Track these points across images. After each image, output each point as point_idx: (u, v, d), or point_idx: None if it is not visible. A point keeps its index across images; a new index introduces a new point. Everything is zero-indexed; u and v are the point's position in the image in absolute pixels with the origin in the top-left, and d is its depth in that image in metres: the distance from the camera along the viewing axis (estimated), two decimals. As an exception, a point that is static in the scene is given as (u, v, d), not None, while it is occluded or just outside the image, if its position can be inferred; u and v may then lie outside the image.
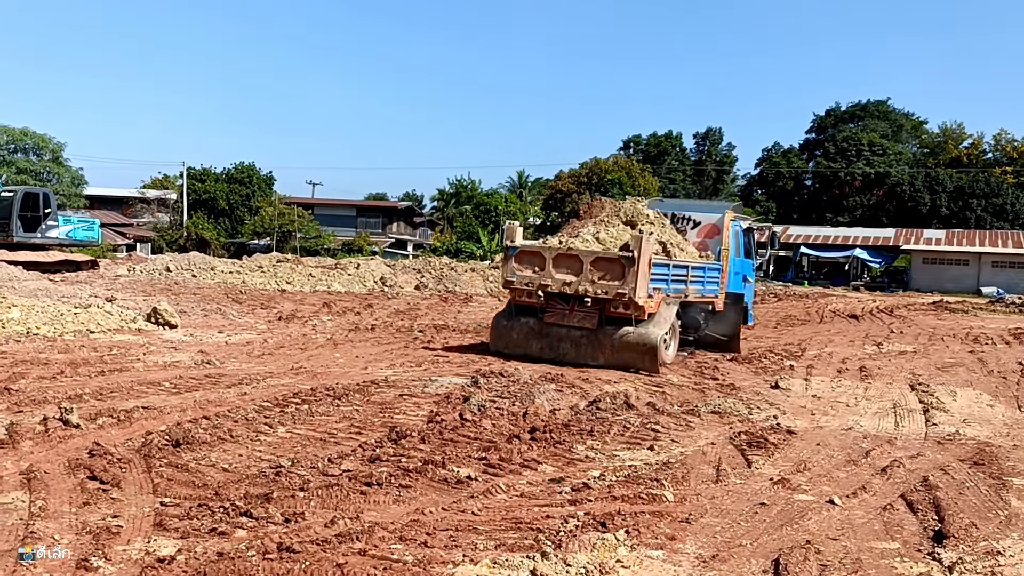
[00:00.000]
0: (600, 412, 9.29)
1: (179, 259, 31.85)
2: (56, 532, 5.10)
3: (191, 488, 6.17)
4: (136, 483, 6.22)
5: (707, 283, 14.81)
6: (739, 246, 16.28)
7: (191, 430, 7.64)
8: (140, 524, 5.35)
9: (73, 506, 5.65)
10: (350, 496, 6.03)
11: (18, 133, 58.03)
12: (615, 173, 58.20)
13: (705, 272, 14.71)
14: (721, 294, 15.37)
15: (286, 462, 6.85)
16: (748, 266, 17.03)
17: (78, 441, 7.31)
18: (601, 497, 6.23)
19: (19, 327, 14.49)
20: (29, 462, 6.57)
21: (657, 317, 13.06)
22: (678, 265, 13.77)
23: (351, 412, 9.09)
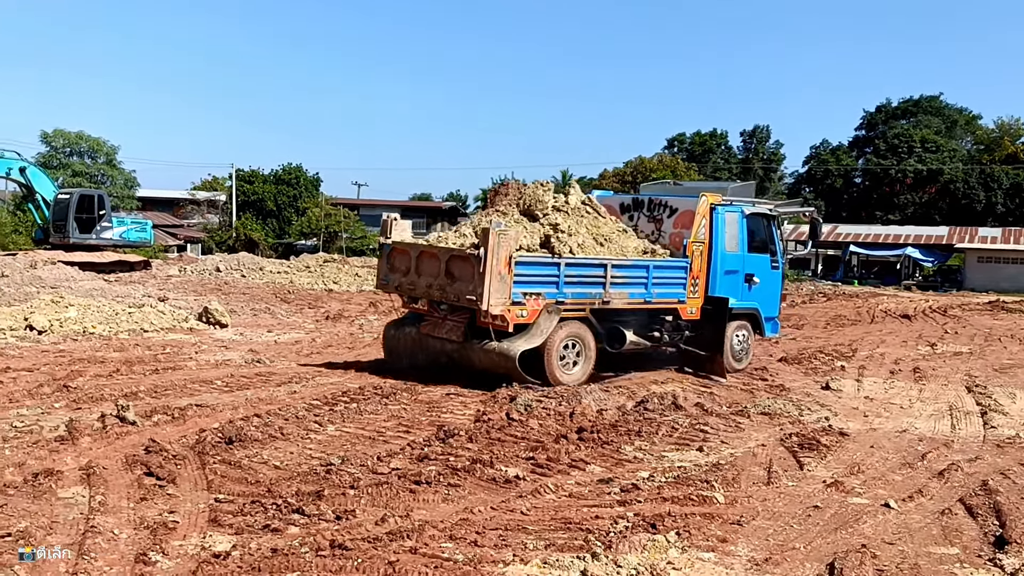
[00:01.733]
0: (648, 413, 9.23)
1: (228, 259, 32.40)
2: (115, 527, 5.21)
3: (244, 485, 6.26)
4: (191, 480, 6.33)
5: (656, 285, 11.74)
6: (739, 237, 12.76)
7: (243, 428, 7.75)
8: (195, 520, 5.44)
9: (131, 501, 5.77)
10: (400, 494, 6.07)
11: (74, 137, 59.47)
12: (660, 172, 57.78)
13: (649, 271, 11.64)
14: (693, 299, 12.27)
15: (336, 460, 6.92)
16: (761, 263, 13.29)
17: (134, 438, 7.46)
18: (651, 498, 6.19)
19: (76, 326, 14.85)
20: (88, 458, 6.73)
21: (532, 328, 10.53)
22: (579, 263, 10.88)
23: (399, 411, 9.16)
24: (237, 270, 30.03)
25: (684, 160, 67.65)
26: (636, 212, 13.20)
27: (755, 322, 13.33)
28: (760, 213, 13.48)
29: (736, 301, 12.67)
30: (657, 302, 11.89)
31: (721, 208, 12.55)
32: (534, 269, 10.56)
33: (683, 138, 77.11)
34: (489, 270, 9.98)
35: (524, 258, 10.40)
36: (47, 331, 14.48)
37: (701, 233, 12.28)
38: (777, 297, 13.97)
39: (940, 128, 69.48)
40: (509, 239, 10.17)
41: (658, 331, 12.09)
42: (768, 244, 13.55)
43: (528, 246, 10.70)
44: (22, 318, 15.04)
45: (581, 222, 11.64)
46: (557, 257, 10.73)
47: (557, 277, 10.72)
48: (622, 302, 11.42)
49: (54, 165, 55.93)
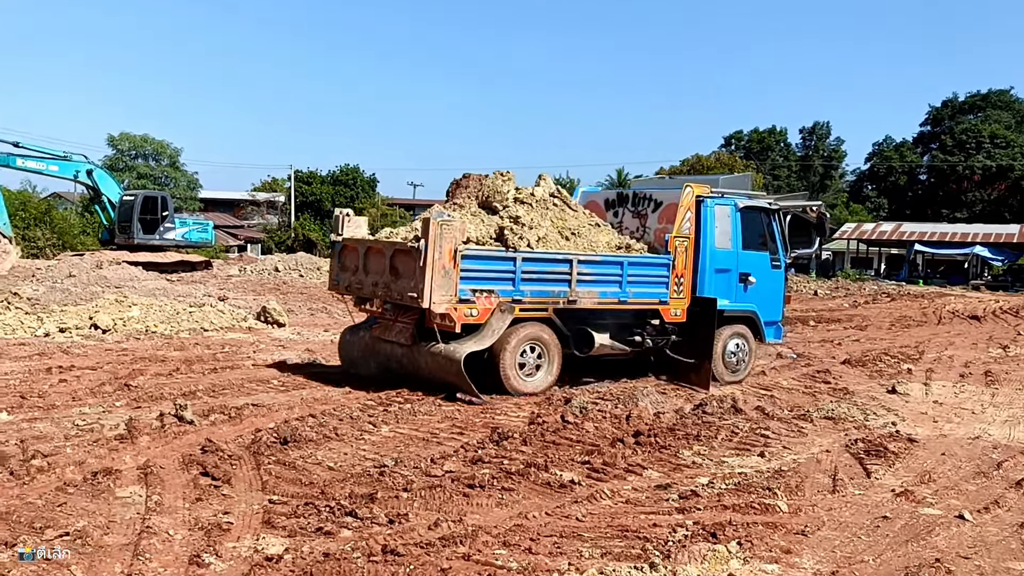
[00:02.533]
0: (707, 416, 9.01)
1: (287, 259, 32.83)
2: (170, 527, 5.22)
3: (298, 486, 6.24)
4: (246, 480, 6.34)
5: (632, 284, 10.74)
6: (731, 232, 11.69)
7: (298, 428, 7.76)
8: (249, 521, 5.43)
9: (186, 502, 5.78)
10: (453, 498, 5.99)
11: (139, 140, 61.08)
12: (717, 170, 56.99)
13: (624, 268, 10.63)
14: (678, 300, 11.23)
15: (390, 461, 6.87)
16: (758, 261, 12.08)
17: (192, 437, 7.52)
18: (710, 506, 6.00)
19: (139, 325, 15.14)
20: (146, 457, 6.79)
21: (483, 329, 9.70)
22: (538, 258, 9.94)
23: (453, 412, 9.09)
24: (295, 270, 30.41)
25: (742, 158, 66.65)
26: (621, 208, 12.30)
27: (754, 327, 12.11)
28: (757, 207, 12.24)
29: (729, 303, 11.65)
30: (635, 302, 10.87)
31: (710, 201, 11.48)
32: (485, 264, 9.66)
33: (741, 135, 75.97)
34: (430, 264, 9.17)
35: (472, 251, 9.55)
36: (111, 330, 14.79)
37: (685, 227, 11.19)
38: (779, 299, 12.59)
39: (1010, 123, 67.22)
40: (453, 230, 9.32)
41: (639, 335, 11.10)
42: (767, 241, 12.29)
43: (478, 239, 9.87)
44: (87, 317, 15.39)
45: (546, 215, 10.74)
46: (512, 251, 9.81)
47: (512, 273, 9.79)
48: (591, 302, 10.42)
49: (120, 168, 57.51)
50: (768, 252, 12.25)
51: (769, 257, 12.27)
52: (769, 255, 12.27)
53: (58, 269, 22.74)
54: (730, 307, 11.70)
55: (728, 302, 11.64)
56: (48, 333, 14.20)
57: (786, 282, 12.73)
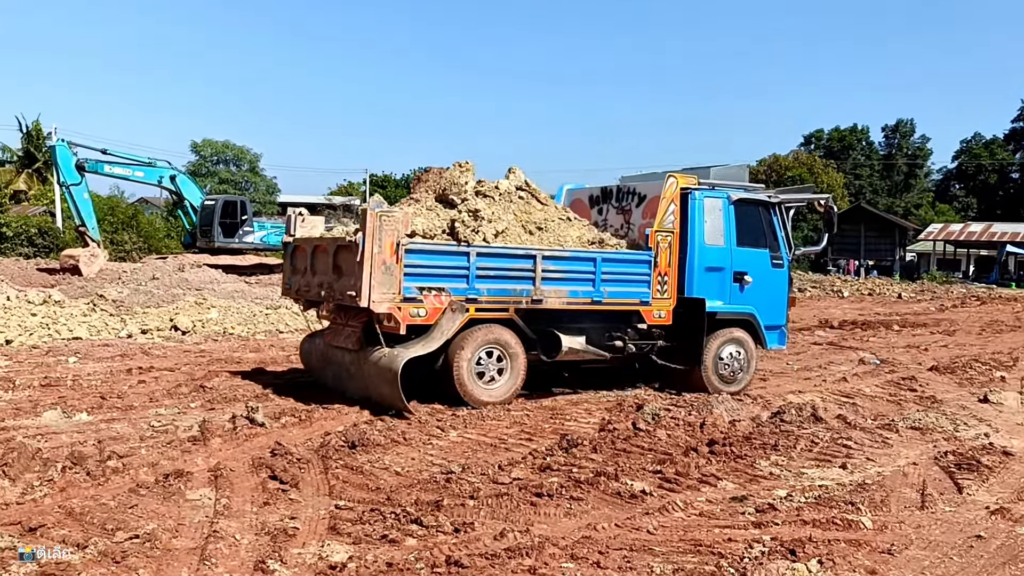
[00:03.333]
0: (785, 425, 8.68)
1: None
2: (237, 532, 5.22)
3: (365, 491, 6.20)
4: (313, 484, 6.32)
5: (608, 282, 9.93)
6: (723, 227, 10.81)
7: (366, 432, 7.74)
8: (315, 527, 5.40)
9: (254, 505, 5.79)
10: (520, 507, 5.85)
11: (220, 146, 62.79)
12: (796, 170, 55.67)
13: (597, 265, 9.81)
14: (662, 300, 10.39)
15: (457, 468, 6.78)
16: (756, 259, 11.14)
17: (262, 440, 7.58)
18: (789, 520, 5.73)
19: (217, 327, 15.47)
20: (217, 460, 6.85)
21: (431, 331, 8.95)
22: (496, 254, 9.22)
23: (522, 417, 8.97)
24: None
25: (822, 157, 64.90)
26: (605, 204, 11.52)
27: (753, 331, 11.20)
28: (754, 200, 11.26)
29: (722, 304, 10.82)
30: (611, 303, 10.03)
31: (698, 193, 10.63)
32: (433, 259, 8.95)
33: (821, 134, 74.05)
34: (368, 259, 8.50)
35: (418, 245, 8.84)
36: (190, 331, 15.14)
37: (669, 221, 10.35)
38: (782, 300, 11.56)
39: (1111, 117, 63.93)
40: (394, 222, 8.63)
41: (620, 339, 10.24)
42: (766, 237, 11.31)
43: (424, 232, 9.12)
44: (168, 319, 15.80)
45: (509, 208, 10.04)
46: (465, 245, 9.11)
47: (466, 269, 9.07)
48: (559, 301, 9.66)
49: (202, 173, 59.20)
50: (767, 249, 11.30)
51: (769, 255, 11.31)
52: (769, 252, 11.31)
53: (142, 272, 23.43)
54: (723, 309, 10.87)
55: (721, 303, 10.83)
56: (131, 334, 14.61)
57: (791, 282, 11.80)
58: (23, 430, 7.69)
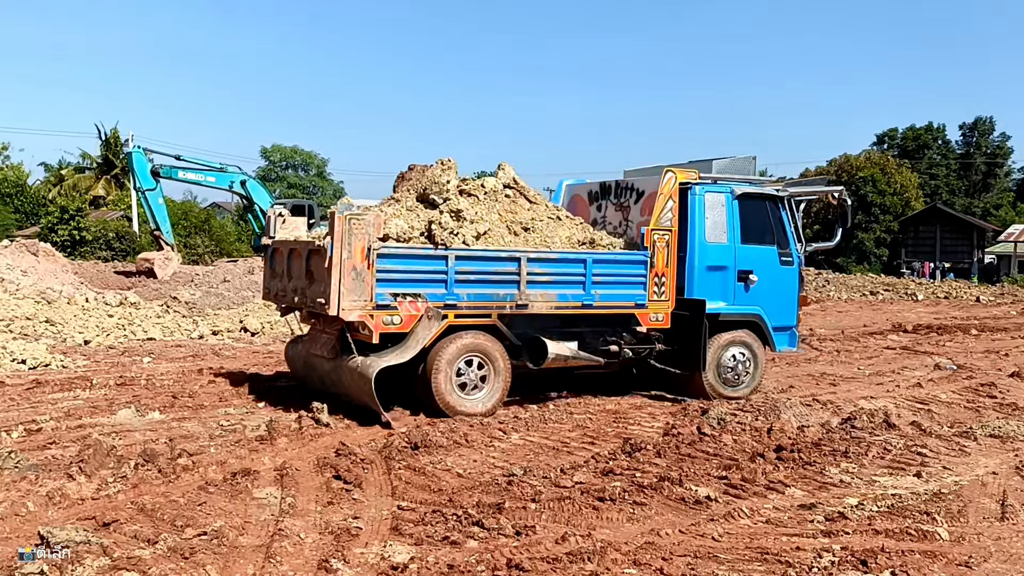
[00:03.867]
0: (856, 431, 8.43)
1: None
2: (302, 531, 5.29)
3: (427, 492, 6.23)
4: (376, 484, 6.37)
5: (599, 284, 9.42)
6: (726, 224, 10.27)
7: (429, 433, 7.78)
8: (378, 527, 5.43)
9: (319, 505, 5.86)
10: (582, 511, 5.80)
11: (289, 151, 64.14)
12: (867, 170, 54.25)
13: (588, 266, 9.29)
14: (659, 302, 9.86)
15: (518, 471, 6.76)
16: (762, 257, 10.57)
17: (327, 440, 7.67)
18: (860, 530, 5.55)
19: (284, 328, 15.74)
20: (283, 459, 6.96)
21: (407, 339, 8.54)
22: (476, 256, 8.76)
23: (584, 420, 8.91)
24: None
25: (895, 157, 63.12)
26: (603, 200, 11.03)
27: (760, 333, 10.62)
28: (760, 194, 10.67)
29: (726, 305, 10.28)
30: (603, 306, 9.50)
31: (699, 188, 10.12)
32: (408, 264, 8.48)
33: (895, 133, 72.00)
34: (337, 264, 8.10)
35: (391, 249, 8.39)
36: (259, 333, 15.47)
37: (666, 218, 9.80)
38: (792, 300, 10.92)
39: None
40: (365, 225, 8.22)
41: (615, 343, 9.77)
42: (774, 233, 10.70)
43: (399, 235, 8.61)
44: (238, 320, 16.16)
45: (493, 208, 9.50)
46: (443, 248, 8.64)
47: (444, 274, 8.62)
48: (547, 306, 9.15)
49: (271, 178, 60.55)
50: (775, 246, 10.70)
51: (777, 252, 10.71)
52: (777, 250, 10.71)
53: (214, 275, 23.99)
54: (727, 310, 10.32)
55: (724, 304, 10.30)
56: (202, 335, 14.99)
57: (802, 281, 11.10)
58: (99, 427, 7.94)
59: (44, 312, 15.85)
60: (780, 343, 10.86)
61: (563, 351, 9.31)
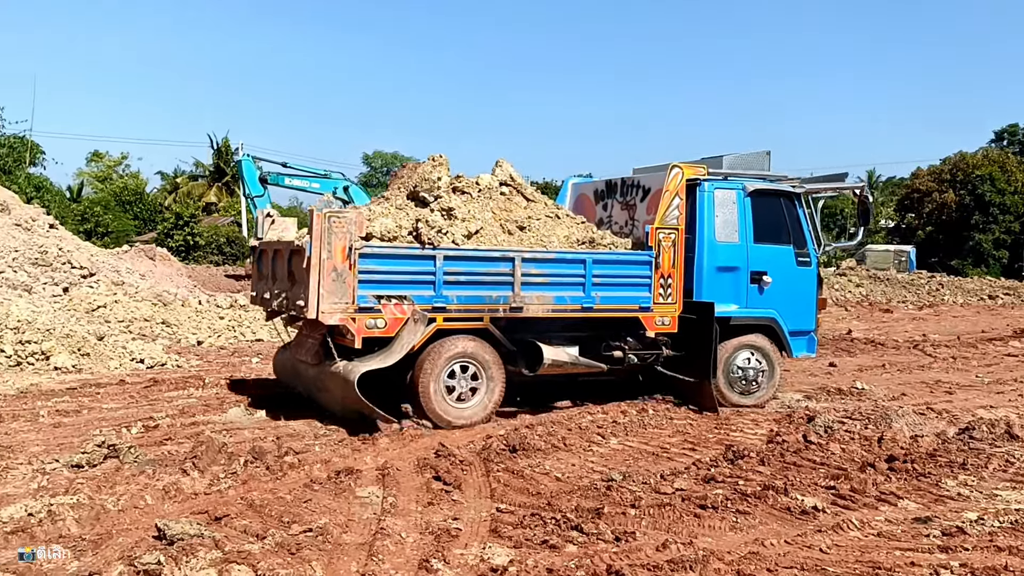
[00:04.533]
0: (974, 442, 8.01)
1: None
2: (403, 530, 5.36)
3: (525, 495, 6.23)
4: (475, 486, 6.41)
5: (600, 287, 8.93)
6: (738, 222, 9.77)
7: (527, 436, 7.78)
8: (477, 529, 5.46)
9: (419, 505, 5.94)
10: (683, 518, 5.70)
11: (389, 157, 65.51)
12: (985, 168, 51.60)
13: (587, 267, 8.81)
14: (665, 305, 9.32)
15: (617, 476, 6.69)
16: (777, 257, 10.03)
17: (427, 441, 7.77)
18: (980, 546, 5.26)
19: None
20: (385, 459, 7.09)
21: (391, 344, 8.10)
22: (467, 257, 8.34)
23: (684, 426, 8.76)
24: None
25: (1016, 154, 59.82)
26: (609, 199, 10.54)
27: (775, 337, 10.13)
28: (774, 191, 10.10)
29: (737, 308, 9.80)
30: (605, 309, 9.00)
31: (708, 184, 9.64)
32: (393, 264, 8.06)
33: (1015, 129, 68.29)
34: (316, 264, 7.72)
35: (374, 249, 7.99)
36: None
37: (672, 217, 9.31)
38: (810, 302, 10.34)
39: None
40: (345, 223, 7.82)
41: (618, 349, 9.25)
42: (790, 232, 10.14)
43: (383, 234, 8.20)
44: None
45: (487, 206, 9.07)
46: (431, 248, 8.22)
47: (432, 275, 8.19)
48: (543, 309, 8.68)
49: (373, 184, 61.89)
50: (791, 246, 10.16)
51: (793, 252, 10.16)
52: (793, 249, 10.16)
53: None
54: (738, 314, 9.84)
55: (736, 307, 9.82)
56: (307, 337, 15.37)
57: (820, 282, 10.56)
58: (211, 425, 8.26)
59: (160, 314, 16.63)
60: (797, 348, 10.35)
61: (561, 357, 8.88)
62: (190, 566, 4.55)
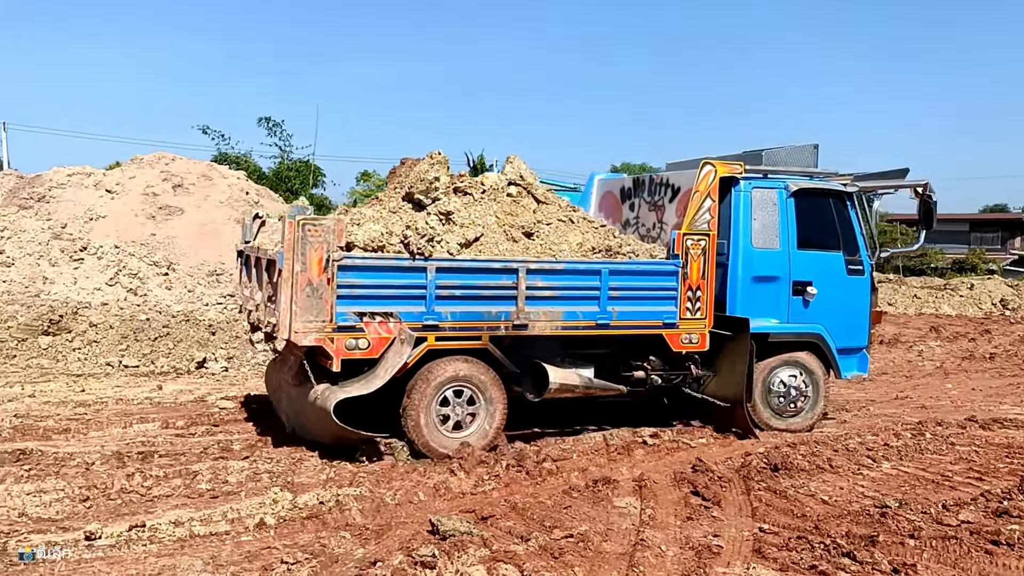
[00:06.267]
0: None
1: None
2: (662, 543, 5.33)
3: (789, 517, 5.96)
4: (735, 504, 6.24)
5: (618, 300, 7.85)
6: (778, 226, 8.64)
7: (789, 455, 7.45)
8: (739, 548, 5.31)
9: (678, 519, 5.87)
10: (971, 553, 5.18)
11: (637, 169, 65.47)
12: None
13: (603, 278, 7.76)
14: (693, 321, 8.20)
15: (892, 502, 6.22)
16: (825, 265, 8.86)
17: (683, 455, 7.68)
18: None
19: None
20: (640, 470, 7.09)
21: (376, 367, 7.14)
22: (463, 268, 7.35)
23: (969, 453, 7.97)
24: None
25: None
26: (636, 198, 9.44)
27: (821, 355, 8.90)
28: (822, 190, 8.89)
29: (777, 323, 8.67)
30: (623, 325, 7.94)
31: (745, 183, 8.52)
32: (377, 277, 7.12)
33: None
34: (288, 278, 6.85)
35: (356, 261, 7.04)
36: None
37: (703, 220, 8.20)
38: (862, 316, 9.10)
39: None
40: (323, 232, 6.90)
41: (640, 368, 8.32)
42: (840, 237, 8.92)
43: (367, 242, 7.22)
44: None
45: (491, 209, 7.99)
46: (421, 259, 7.25)
47: (423, 288, 7.21)
48: (551, 326, 7.67)
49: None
50: (841, 252, 8.92)
51: (843, 259, 8.93)
52: (843, 256, 8.93)
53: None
54: (779, 329, 8.69)
55: (776, 322, 8.68)
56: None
57: (875, 293, 9.21)
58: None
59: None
60: (847, 368, 9.17)
61: (571, 380, 7.89)
62: (461, 561, 4.80)
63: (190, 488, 6.30)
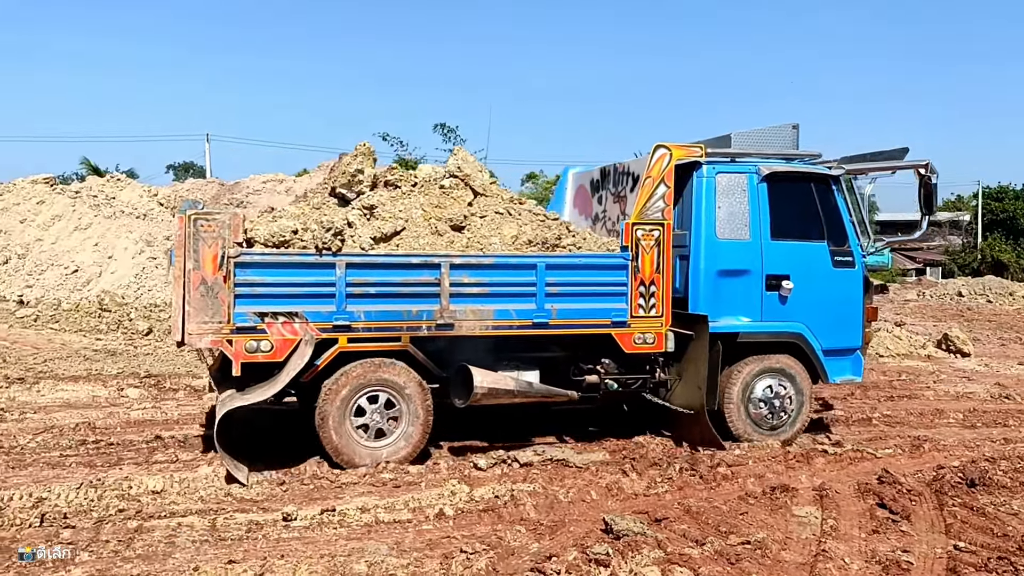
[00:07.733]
0: None
1: (972, 283, 30.16)
2: (846, 555, 5.11)
3: (989, 536, 5.55)
4: (927, 519, 5.88)
5: (557, 297, 7.18)
6: (748, 214, 7.76)
7: (988, 470, 6.93)
8: (932, 565, 5.01)
9: (862, 532, 5.61)
10: None
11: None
12: None
13: (539, 272, 7.10)
14: (647, 319, 7.44)
15: (1109, 526, 5.67)
16: (805, 256, 7.89)
17: (867, 465, 7.32)
18: None
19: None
20: (821, 479, 6.81)
21: (279, 370, 6.64)
22: (377, 264, 6.81)
23: None
24: (982, 295, 27.69)
25: None
26: (603, 190, 8.70)
27: (804, 358, 7.96)
28: (800, 173, 8.01)
29: (748, 321, 7.82)
30: (564, 324, 7.26)
31: (707, 168, 7.74)
32: (280, 274, 6.63)
33: None
34: (180, 276, 6.41)
35: (255, 257, 6.54)
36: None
37: (656, 208, 7.47)
38: (853, 313, 8.11)
39: None
40: (218, 227, 6.44)
41: (592, 372, 7.67)
42: (824, 225, 8.01)
43: (268, 237, 6.67)
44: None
45: (417, 202, 7.36)
46: (328, 255, 6.68)
47: (332, 286, 6.70)
48: (480, 325, 7.05)
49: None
50: (826, 242, 8.01)
51: (827, 249, 8.01)
52: (828, 247, 8.01)
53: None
54: (750, 328, 7.84)
55: (747, 321, 7.84)
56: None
57: (868, 287, 8.20)
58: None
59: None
60: (837, 372, 8.15)
61: (502, 384, 7.20)
62: (635, 561, 4.81)
63: (374, 477, 6.64)
